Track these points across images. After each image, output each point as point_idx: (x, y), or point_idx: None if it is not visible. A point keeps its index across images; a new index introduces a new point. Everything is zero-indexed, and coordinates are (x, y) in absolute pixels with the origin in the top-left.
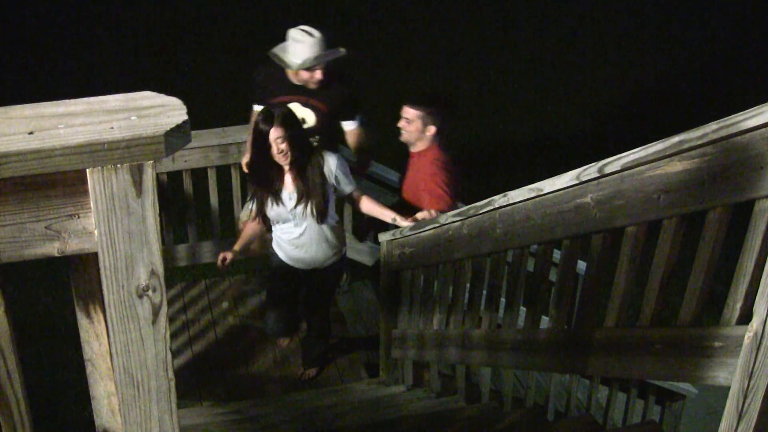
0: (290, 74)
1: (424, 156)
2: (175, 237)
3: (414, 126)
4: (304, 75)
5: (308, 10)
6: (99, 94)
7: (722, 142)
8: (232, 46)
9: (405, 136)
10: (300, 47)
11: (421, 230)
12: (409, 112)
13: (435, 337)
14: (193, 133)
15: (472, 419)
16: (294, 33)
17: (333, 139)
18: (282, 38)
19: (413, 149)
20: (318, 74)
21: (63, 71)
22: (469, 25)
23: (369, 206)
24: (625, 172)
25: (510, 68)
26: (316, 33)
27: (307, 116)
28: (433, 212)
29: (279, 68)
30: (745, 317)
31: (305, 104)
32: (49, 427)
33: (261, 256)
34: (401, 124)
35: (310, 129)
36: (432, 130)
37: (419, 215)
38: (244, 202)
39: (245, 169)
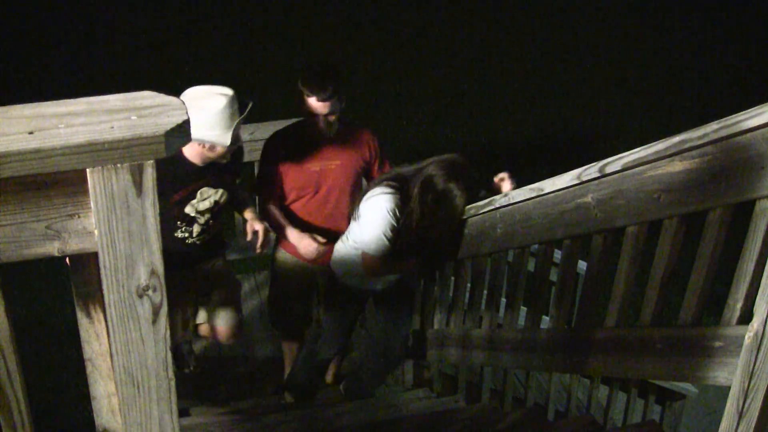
0: (193, 153)
1: None
2: None
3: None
4: (221, 150)
5: (308, 10)
6: (99, 94)
7: (723, 142)
8: (232, 46)
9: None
10: (219, 115)
11: None
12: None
13: (436, 337)
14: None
15: (473, 419)
16: (200, 98)
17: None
18: None
19: None
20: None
21: (63, 71)
22: (470, 25)
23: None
24: (626, 171)
25: (510, 68)
26: (227, 90)
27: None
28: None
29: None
30: (746, 317)
31: (215, 183)
32: (49, 427)
33: (262, 256)
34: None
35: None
36: None
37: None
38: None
39: None
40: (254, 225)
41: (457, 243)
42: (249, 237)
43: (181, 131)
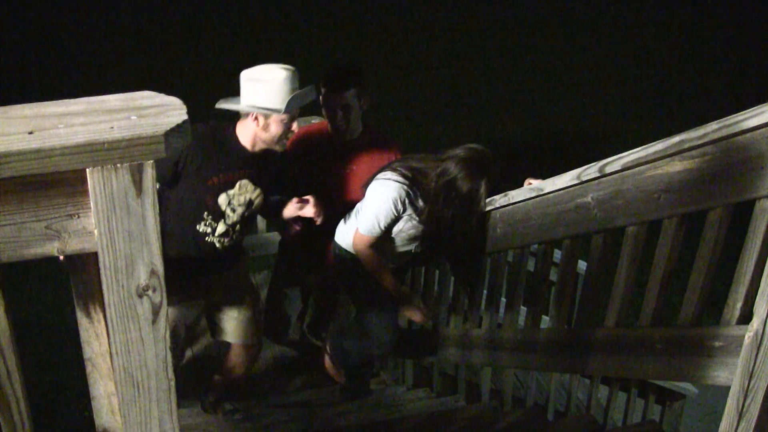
0: (246, 133)
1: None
2: None
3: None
4: (276, 130)
5: (308, 11)
6: (99, 94)
7: (723, 142)
8: (233, 45)
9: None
10: (277, 86)
11: None
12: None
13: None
14: None
15: (473, 419)
16: (259, 71)
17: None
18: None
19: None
20: (295, 125)
21: (63, 71)
22: (470, 25)
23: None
24: (626, 171)
25: (510, 68)
26: (289, 66)
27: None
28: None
29: (211, 138)
30: (746, 317)
31: (256, 179)
32: (49, 427)
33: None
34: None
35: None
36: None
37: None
38: None
39: None
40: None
41: (480, 238)
42: (297, 204)
43: (181, 131)
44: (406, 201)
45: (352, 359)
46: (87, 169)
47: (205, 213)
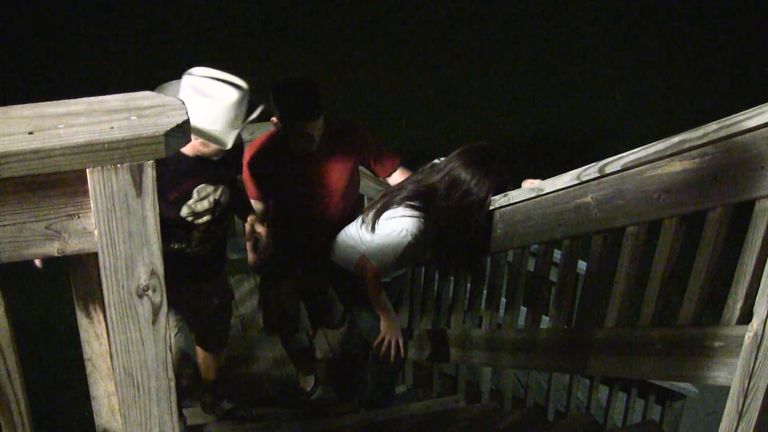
0: (189, 151)
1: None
2: None
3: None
4: (210, 147)
5: (308, 10)
6: (99, 94)
7: (723, 142)
8: (233, 45)
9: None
10: (225, 109)
11: None
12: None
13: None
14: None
15: (472, 419)
16: (209, 83)
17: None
18: None
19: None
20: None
21: (63, 71)
22: (470, 25)
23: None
24: (626, 172)
25: (510, 68)
26: (242, 83)
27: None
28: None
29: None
30: (746, 317)
31: (214, 180)
32: (49, 427)
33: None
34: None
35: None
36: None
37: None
38: None
39: None
40: (257, 228)
41: (485, 236)
42: (249, 244)
43: (181, 131)
44: (424, 232)
45: (372, 379)
46: (87, 170)
47: (174, 229)
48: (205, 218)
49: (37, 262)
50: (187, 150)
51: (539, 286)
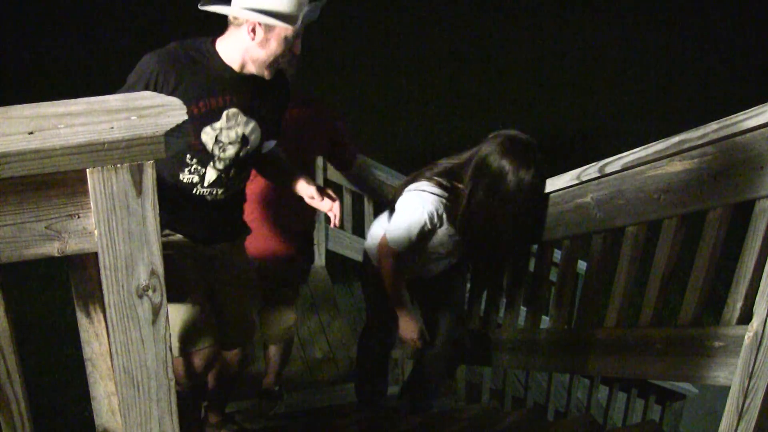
0: (233, 48)
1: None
2: None
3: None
4: (276, 48)
5: None
6: (99, 94)
7: (723, 142)
8: None
9: None
10: None
11: None
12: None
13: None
14: None
15: (472, 419)
16: None
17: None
18: None
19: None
20: (298, 46)
21: (63, 71)
22: (470, 24)
23: None
24: (626, 171)
25: (510, 68)
26: None
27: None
28: None
29: (184, 58)
30: (746, 317)
31: (247, 110)
32: (49, 427)
33: None
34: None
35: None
36: None
37: None
38: None
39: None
40: (313, 191)
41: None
42: (318, 203)
43: (181, 131)
44: (444, 215)
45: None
46: (87, 170)
47: (188, 156)
48: (229, 153)
49: None
50: (234, 58)
51: (539, 286)
